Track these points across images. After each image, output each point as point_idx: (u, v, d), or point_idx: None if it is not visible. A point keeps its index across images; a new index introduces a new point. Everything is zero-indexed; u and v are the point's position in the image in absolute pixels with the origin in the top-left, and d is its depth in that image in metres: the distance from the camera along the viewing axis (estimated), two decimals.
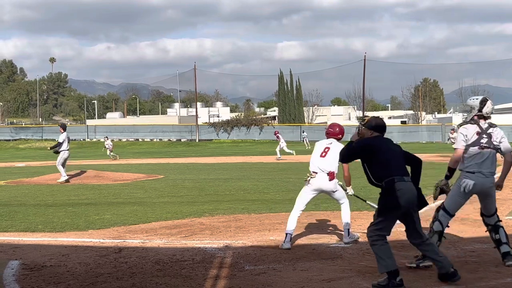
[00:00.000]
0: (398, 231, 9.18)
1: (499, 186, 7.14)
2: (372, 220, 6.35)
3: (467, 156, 6.92)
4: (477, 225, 9.37)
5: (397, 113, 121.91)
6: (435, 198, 7.31)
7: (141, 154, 48.30)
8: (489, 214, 7.13)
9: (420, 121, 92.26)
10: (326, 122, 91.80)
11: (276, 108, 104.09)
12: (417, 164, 6.42)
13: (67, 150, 19.43)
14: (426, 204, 6.28)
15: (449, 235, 8.71)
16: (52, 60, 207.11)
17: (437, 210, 7.14)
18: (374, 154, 6.22)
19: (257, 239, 8.65)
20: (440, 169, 9.54)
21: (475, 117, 7.03)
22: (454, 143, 10.00)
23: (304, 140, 58.77)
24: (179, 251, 7.92)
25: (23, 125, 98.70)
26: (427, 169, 21.98)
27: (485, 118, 7.04)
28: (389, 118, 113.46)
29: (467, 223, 9.63)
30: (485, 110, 7.00)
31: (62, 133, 19.64)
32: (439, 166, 25.66)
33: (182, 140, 78.23)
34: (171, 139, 78.94)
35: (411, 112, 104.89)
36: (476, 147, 6.88)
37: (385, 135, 6.57)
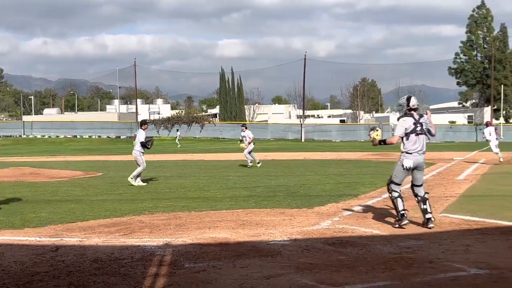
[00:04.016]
0: (392, 230, 9.34)
1: None
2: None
3: (408, 141, 9.09)
4: (412, 222, 9.62)
5: (336, 112, 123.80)
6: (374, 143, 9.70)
7: (79, 151, 47.45)
8: (419, 184, 9.28)
9: (358, 120, 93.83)
10: (267, 121, 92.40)
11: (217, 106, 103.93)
12: None
13: (134, 149, 17.50)
14: None
15: (386, 231, 8.93)
16: None
17: (388, 184, 9.38)
18: None
19: (197, 236, 8.64)
20: (376, 167, 9.85)
21: (407, 111, 9.23)
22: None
23: (177, 139, 57.77)
24: (118, 249, 7.83)
25: None
26: (364, 167, 22.37)
27: (414, 110, 9.23)
28: (329, 117, 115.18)
29: None
30: (412, 103, 9.24)
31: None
32: (376, 164, 26.18)
33: (121, 137, 77.37)
34: (110, 136, 77.94)
35: (349, 111, 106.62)
36: (413, 134, 9.07)
37: (324, 133, 6.76)
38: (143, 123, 18.19)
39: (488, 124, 27.13)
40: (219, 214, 10.92)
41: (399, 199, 9.21)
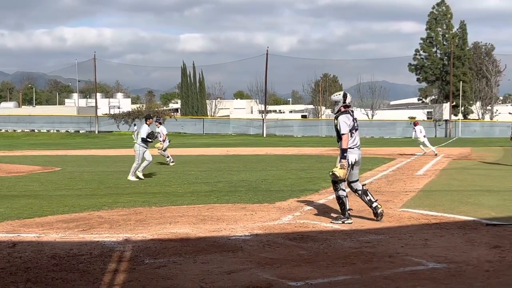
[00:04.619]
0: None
1: None
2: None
3: (350, 138, 9.23)
4: (372, 217, 9.71)
5: (298, 107, 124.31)
6: (345, 177, 9.29)
7: (37, 145, 46.65)
8: (355, 180, 9.45)
9: (320, 115, 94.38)
10: (229, 116, 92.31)
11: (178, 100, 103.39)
12: None
13: (136, 143, 17.44)
14: None
15: (346, 226, 9.00)
16: None
17: (334, 183, 9.34)
18: None
19: (158, 232, 8.57)
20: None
21: (342, 108, 9.34)
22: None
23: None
24: (76, 245, 7.72)
25: None
26: (325, 162, 22.51)
27: (348, 107, 9.39)
28: (290, 112, 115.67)
29: (363, 215, 9.93)
30: (348, 100, 9.41)
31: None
32: (337, 160, 26.30)
33: (80, 131, 76.40)
34: (69, 131, 76.84)
35: (311, 106, 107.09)
36: (354, 130, 9.30)
37: (286, 128, 6.78)
38: (148, 117, 18.32)
39: (416, 124, 29.36)
40: (180, 209, 10.86)
41: (347, 199, 9.34)
